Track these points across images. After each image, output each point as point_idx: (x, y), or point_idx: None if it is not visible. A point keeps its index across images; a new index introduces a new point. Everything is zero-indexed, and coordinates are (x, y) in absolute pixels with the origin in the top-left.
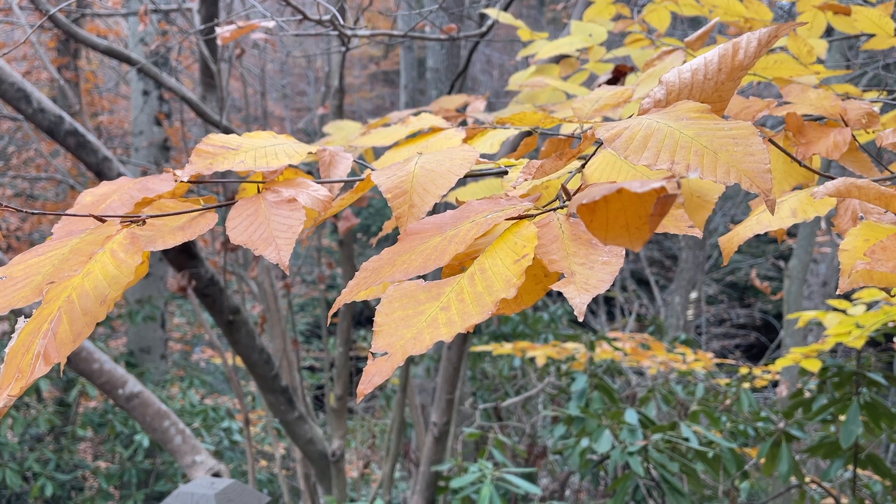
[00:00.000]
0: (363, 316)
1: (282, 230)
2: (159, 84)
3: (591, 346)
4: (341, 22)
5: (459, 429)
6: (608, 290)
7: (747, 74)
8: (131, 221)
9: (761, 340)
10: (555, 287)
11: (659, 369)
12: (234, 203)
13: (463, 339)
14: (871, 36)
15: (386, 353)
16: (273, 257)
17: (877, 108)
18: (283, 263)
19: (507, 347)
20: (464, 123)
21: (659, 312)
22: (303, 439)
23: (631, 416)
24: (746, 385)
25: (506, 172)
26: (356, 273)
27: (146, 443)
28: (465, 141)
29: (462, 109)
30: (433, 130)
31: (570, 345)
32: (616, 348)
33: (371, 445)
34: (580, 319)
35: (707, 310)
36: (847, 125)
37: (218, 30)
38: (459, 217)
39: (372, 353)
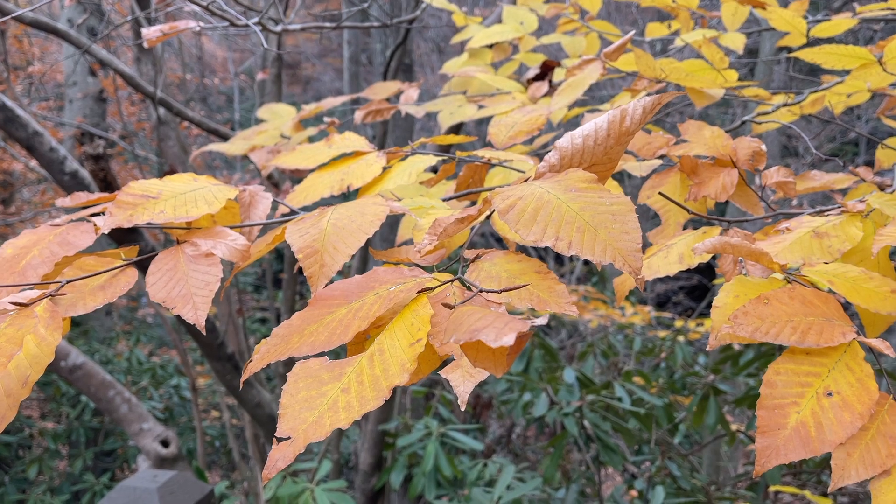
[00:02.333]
0: None
1: (199, 287)
2: (94, 33)
3: None
4: (270, 18)
5: None
6: None
7: (664, 78)
8: (51, 295)
9: (703, 282)
10: (443, 374)
11: (599, 322)
12: (154, 255)
13: None
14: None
15: (290, 438)
16: (190, 317)
17: (782, 101)
18: (200, 324)
19: None
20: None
21: None
22: (250, 404)
23: (569, 375)
24: (681, 338)
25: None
26: (268, 338)
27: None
28: (385, 167)
29: (395, 100)
30: (356, 154)
31: None
32: None
33: None
34: (462, 409)
35: None
36: (735, 166)
37: (144, 31)
38: (365, 286)
39: (277, 438)
